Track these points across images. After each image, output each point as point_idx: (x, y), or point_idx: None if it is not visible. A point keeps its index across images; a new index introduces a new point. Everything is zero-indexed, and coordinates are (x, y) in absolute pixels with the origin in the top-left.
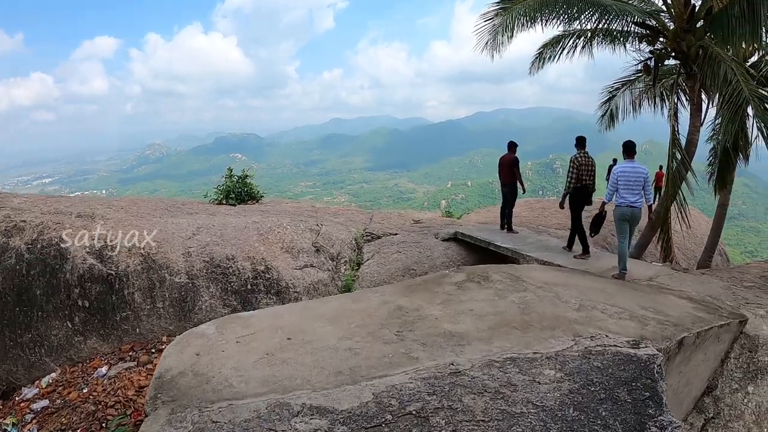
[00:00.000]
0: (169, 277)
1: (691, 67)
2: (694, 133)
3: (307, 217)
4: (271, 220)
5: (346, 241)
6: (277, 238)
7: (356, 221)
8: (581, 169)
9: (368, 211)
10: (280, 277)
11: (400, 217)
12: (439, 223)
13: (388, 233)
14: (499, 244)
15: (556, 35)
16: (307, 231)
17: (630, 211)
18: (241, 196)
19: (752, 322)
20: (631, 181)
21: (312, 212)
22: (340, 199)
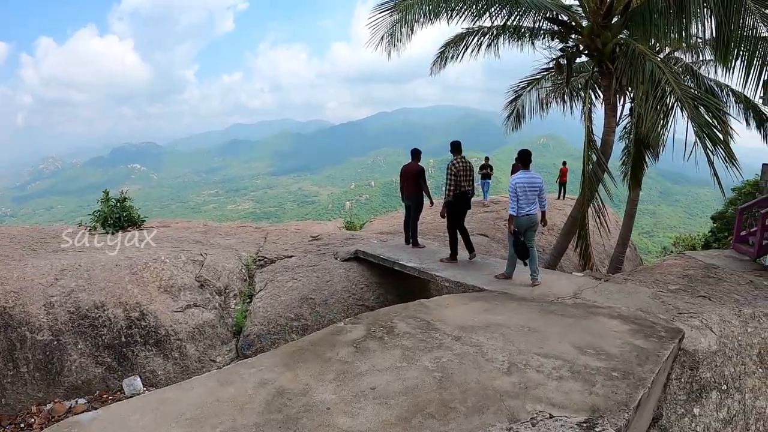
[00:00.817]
0: (30, 335)
1: (607, 65)
2: (609, 134)
3: (191, 245)
4: (147, 253)
5: (235, 270)
6: (153, 275)
7: (249, 242)
8: (459, 176)
9: (263, 227)
10: (159, 323)
11: (296, 234)
12: (339, 238)
13: (283, 255)
14: (405, 263)
15: (459, 33)
16: (189, 263)
17: (527, 220)
18: (119, 221)
19: (689, 336)
20: (529, 192)
21: (201, 234)
22: (244, 206)
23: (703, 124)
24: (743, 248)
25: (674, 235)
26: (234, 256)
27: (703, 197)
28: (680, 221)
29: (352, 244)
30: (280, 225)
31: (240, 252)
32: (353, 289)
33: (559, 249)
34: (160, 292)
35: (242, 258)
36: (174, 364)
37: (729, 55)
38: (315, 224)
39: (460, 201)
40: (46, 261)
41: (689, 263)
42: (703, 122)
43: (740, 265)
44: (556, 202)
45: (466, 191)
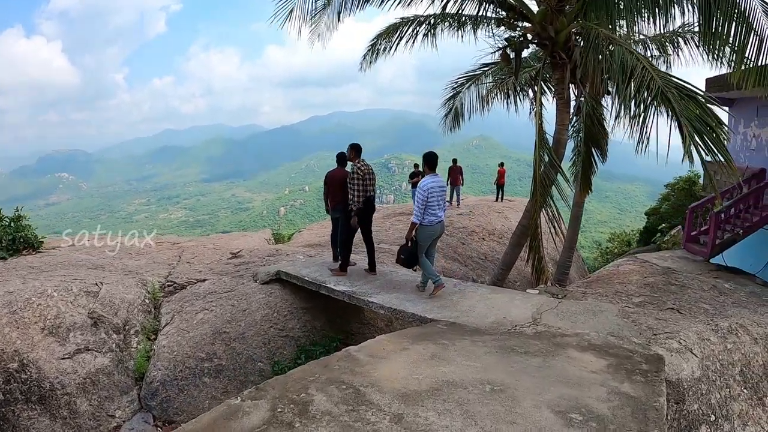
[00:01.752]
0: None
1: (560, 55)
2: (561, 132)
3: (89, 270)
4: (31, 286)
5: (137, 301)
6: (36, 314)
7: (161, 262)
8: (366, 179)
9: (181, 242)
10: (42, 375)
11: (214, 251)
12: (262, 254)
13: (195, 279)
14: (332, 286)
15: (392, 23)
16: (81, 295)
17: (441, 226)
18: (14, 244)
19: (670, 363)
20: (439, 196)
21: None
22: (177, 215)
23: (692, 118)
24: (695, 248)
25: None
26: (137, 283)
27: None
28: (610, 216)
29: (276, 262)
30: (198, 239)
31: (146, 276)
32: (275, 318)
33: (508, 262)
34: (45, 335)
35: (147, 284)
36: (63, 425)
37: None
38: (239, 237)
39: (368, 206)
40: None
41: (645, 269)
42: (693, 116)
43: (696, 266)
44: (495, 205)
45: (371, 196)
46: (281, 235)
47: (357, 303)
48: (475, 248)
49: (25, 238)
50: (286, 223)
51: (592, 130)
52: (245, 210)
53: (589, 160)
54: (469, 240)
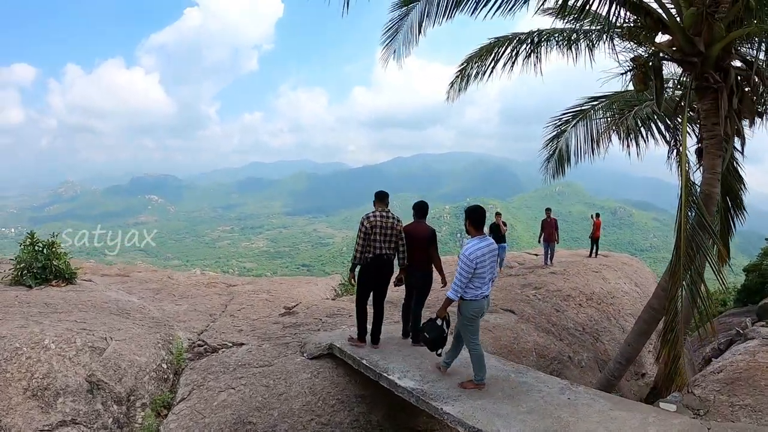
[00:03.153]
0: None
1: (713, 76)
2: (713, 183)
3: (107, 316)
4: (26, 333)
5: (150, 366)
6: (22, 369)
7: (202, 311)
8: (375, 232)
9: (233, 284)
10: None
11: (267, 302)
12: (321, 313)
13: (231, 342)
14: (397, 380)
15: (485, 44)
16: (84, 351)
17: (487, 302)
18: (44, 272)
19: None
20: (488, 265)
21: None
22: (258, 244)
23: None
24: None
25: None
26: (158, 342)
27: None
28: None
29: (334, 326)
30: (257, 282)
31: (176, 331)
32: (319, 408)
33: (629, 355)
34: (26, 396)
35: (173, 342)
36: None
37: None
38: (301, 284)
39: (374, 265)
40: None
41: None
42: None
43: None
44: (590, 263)
45: (382, 254)
46: (349, 286)
47: (427, 410)
48: (572, 317)
49: (57, 268)
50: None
51: (727, 179)
52: (325, 245)
53: (727, 217)
54: (564, 306)
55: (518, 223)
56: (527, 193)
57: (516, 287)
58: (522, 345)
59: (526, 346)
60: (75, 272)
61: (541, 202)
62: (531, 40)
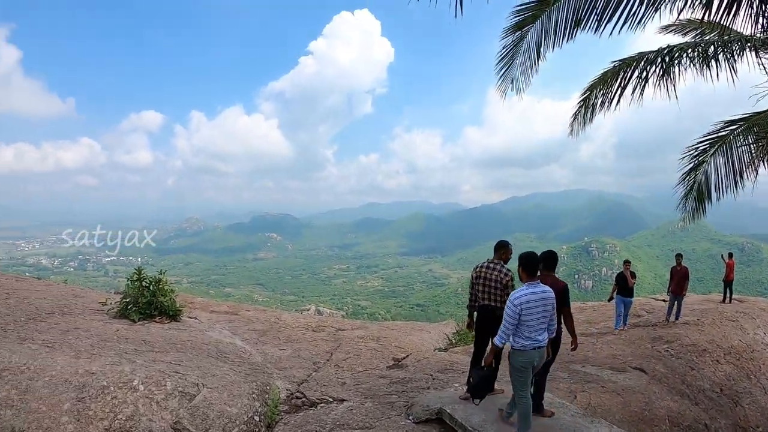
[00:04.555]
0: None
1: None
2: None
3: (206, 360)
4: (117, 371)
5: (240, 418)
6: (106, 409)
7: (306, 358)
8: (478, 283)
9: (342, 328)
10: None
11: (375, 352)
12: (432, 367)
13: (331, 397)
14: None
15: (608, 69)
16: (175, 396)
17: (539, 354)
18: (148, 308)
19: None
20: (541, 313)
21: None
22: (373, 283)
23: None
24: None
25: None
26: (254, 391)
27: None
28: None
29: (445, 385)
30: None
31: (275, 379)
32: None
33: None
34: None
35: (269, 392)
36: None
37: None
38: (413, 331)
39: (480, 315)
40: None
41: None
42: None
43: None
44: (725, 309)
45: (486, 305)
46: (465, 333)
47: None
48: (708, 376)
49: (162, 305)
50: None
51: None
52: (440, 285)
53: None
54: (699, 363)
55: (639, 263)
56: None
57: (646, 341)
58: (654, 412)
59: (658, 413)
60: (180, 309)
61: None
62: (662, 59)
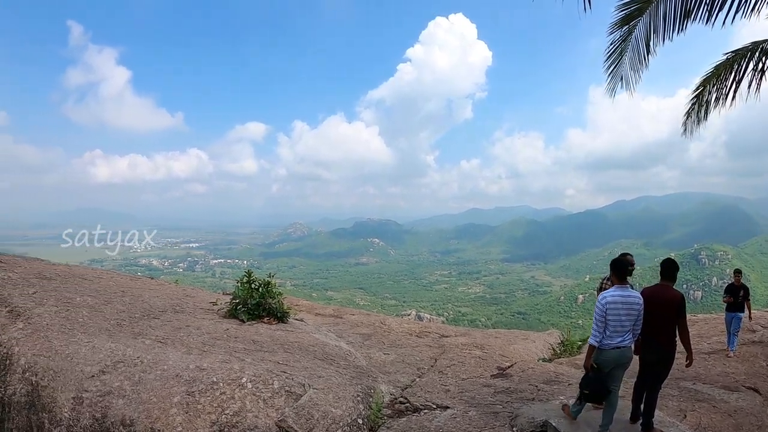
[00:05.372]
0: (48, 426)
1: None
2: None
3: (312, 361)
4: (229, 367)
5: (344, 420)
6: (214, 404)
7: (410, 363)
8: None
9: (446, 335)
10: None
11: (480, 360)
12: (537, 378)
13: (435, 403)
14: None
15: (722, 61)
16: (280, 394)
17: (618, 354)
18: (257, 309)
19: None
20: (623, 316)
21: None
22: (475, 290)
23: None
24: None
25: None
26: (358, 394)
27: None
28: None
29: (551, 396)
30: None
31: (379, 384)
32: None
33: None
34: (211, 431)
35: (373, 396)
36: None
37: None
38: (517, 339)
39: None
40: (111, 344)
41: None
42: None
43: None
44: None
45: None
46: (570, 343)
47: None
48: None
49: (270, 306)
50: (582, 312)
51: None
52: (542, 293)
53: None
54: None
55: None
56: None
57: (760, 358)
58: None
59: None
60: (287, 311)
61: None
62: None
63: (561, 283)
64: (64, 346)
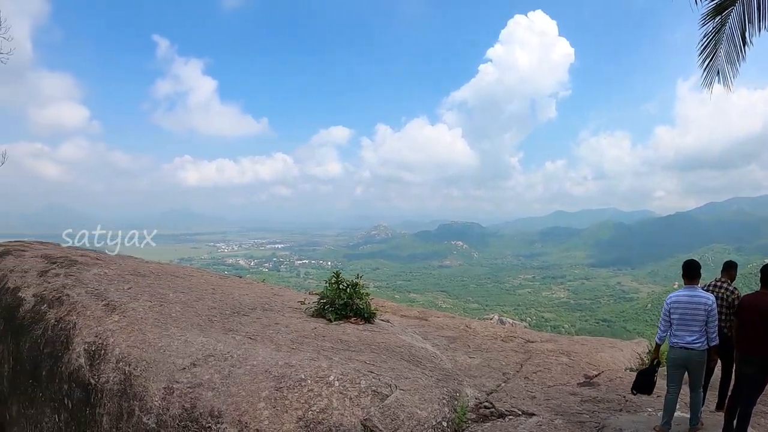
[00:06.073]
0: (138, 413)
1: None
2: None
3: (398, 362)
4: (316, 365)
5: (429, 422)
6: (301, 400)
7: (495, 368)
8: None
9: (531, 341)
10: None
11: (567, 367)
12: (625, 388)
13: (520, 410)
14: None
15: None
16: (367, 394)
17: (683, 354)
18: (344, 309)
19: None
20: (688, 315)
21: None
22: (559, 295)
23: None
24: None
25: None
26: (443, 397)
27: None
28: None
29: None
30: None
31: (464, 387)
32: None
33: None
34: (298, 426)
35: (458, 399)
36: None
37: None
38: (605, 347)
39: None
40: (203, 338)
41: None
42: None
43: None
44: None
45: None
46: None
47: None
48: None
49: (357, 307)
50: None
51: None
52: (629, 300)
53: None
54: None
55: None
56: None
57: None
58: None
59: None
60: (374, 312)
61: None
62: None
63: (648, 289)
64: (157, 339)
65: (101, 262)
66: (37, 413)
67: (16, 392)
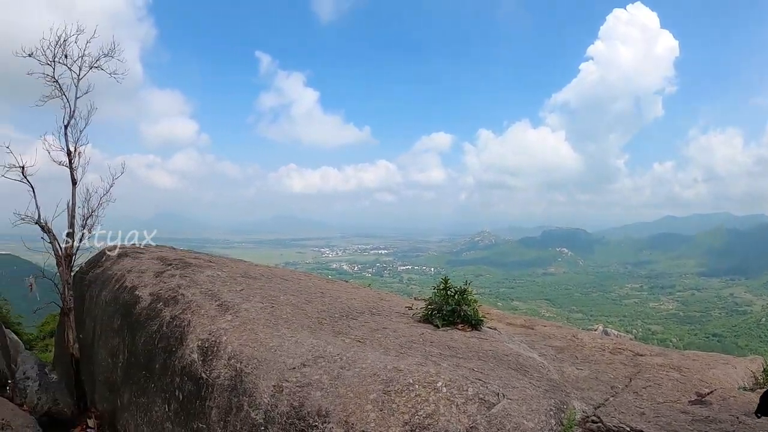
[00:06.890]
0: (246, 408)
1: None
2: None
3: (505, 371)
4: (425, 370)
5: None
6: (408, 404)
7: (603, 381)
8: None
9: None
10: None
11: (677, 383)
12: (741, 408)
13: (628, 426)
14: None
15: None
16: (474, 401)
17: None
18: (451, 316)
19: None
20: None
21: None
22: (667, 306)
23: None
24: None
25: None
26: (551, 409)
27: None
28: None
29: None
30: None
31: (571, 400)
32: None
33: None
34: (403, 430)
35: (564, 412)
36: None
37: None
38: (717, 363)
39: None
40: (313, 340)
41: None
42: None
43: None
44: None
45: None
46: None
47: None
48: None
49: (465, 313)
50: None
51: None
52: (741, 314)
53: None
54: None
55: None
56: None
57: None
58: None
59: None
60: (482, 319)
61: None
62: None
63: (763, 302)
64: (268, 339)
65: (214, 265)
66: (148, 402)
67: (129, 382)
